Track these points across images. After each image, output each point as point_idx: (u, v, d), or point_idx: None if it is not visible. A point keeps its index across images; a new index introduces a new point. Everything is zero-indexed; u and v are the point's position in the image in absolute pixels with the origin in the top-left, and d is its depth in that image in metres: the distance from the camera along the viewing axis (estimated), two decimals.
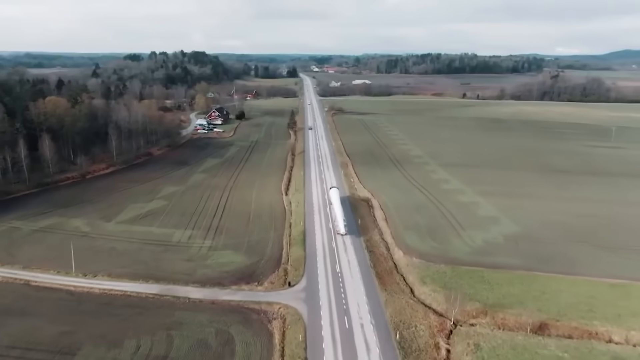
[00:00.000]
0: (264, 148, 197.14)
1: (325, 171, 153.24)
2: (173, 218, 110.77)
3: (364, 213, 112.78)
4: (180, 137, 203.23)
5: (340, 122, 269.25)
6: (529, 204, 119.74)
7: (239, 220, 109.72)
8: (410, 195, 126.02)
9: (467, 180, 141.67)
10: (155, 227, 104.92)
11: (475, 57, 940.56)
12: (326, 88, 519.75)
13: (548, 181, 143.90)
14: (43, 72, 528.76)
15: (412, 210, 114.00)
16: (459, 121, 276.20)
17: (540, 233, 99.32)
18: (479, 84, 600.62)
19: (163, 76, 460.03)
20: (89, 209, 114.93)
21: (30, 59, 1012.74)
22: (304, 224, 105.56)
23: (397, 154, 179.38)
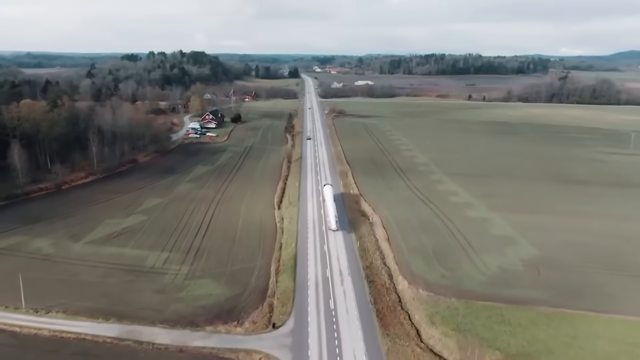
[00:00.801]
0: (259, 154, 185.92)
1: (323, 181, 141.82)
2: (150, 237, 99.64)
3: (364, 232, 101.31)
4: (170, 142, 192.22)
5: (341, 125, 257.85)
6: (546, 220, 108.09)
7: (224, 240, 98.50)
8: (415, 210, 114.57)
9: (477, 192, 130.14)
10: (129, 248, 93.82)
11: (479, 58, 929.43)
12: (328, 89, 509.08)
13: (564, 193, 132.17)
14: (38, 72, 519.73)
15: (418, 228, 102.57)
16: (465, 125, 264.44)
17: (563, 257, 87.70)
18: (484, 85, 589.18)
19: (160, 77, 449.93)
20: (58, 226, 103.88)
21: (30, 59, 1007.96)
22: (296, 245, 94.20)
23: (401, 162, 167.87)
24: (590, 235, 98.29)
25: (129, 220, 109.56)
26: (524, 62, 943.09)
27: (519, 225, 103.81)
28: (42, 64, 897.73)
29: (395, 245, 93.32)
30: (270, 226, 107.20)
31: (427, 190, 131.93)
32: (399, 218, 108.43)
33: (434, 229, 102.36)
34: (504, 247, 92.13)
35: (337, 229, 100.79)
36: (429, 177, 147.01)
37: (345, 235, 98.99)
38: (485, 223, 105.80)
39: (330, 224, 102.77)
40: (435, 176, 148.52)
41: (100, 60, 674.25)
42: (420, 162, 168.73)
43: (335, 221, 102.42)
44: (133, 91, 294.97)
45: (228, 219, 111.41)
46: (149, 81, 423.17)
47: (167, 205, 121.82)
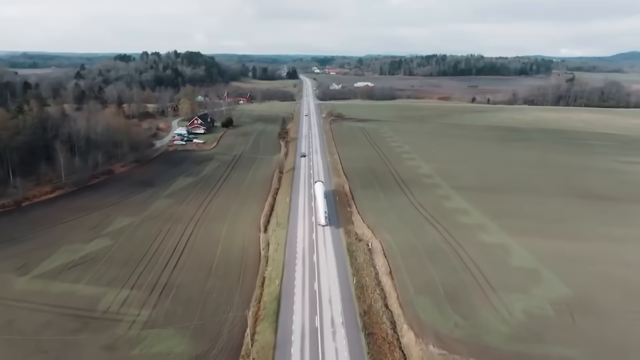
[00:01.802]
0: (248, 164, 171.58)
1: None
2: (112, 268, 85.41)
3: (362, 262, 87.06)
4: (152, 150, 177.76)
5: (339, 130, 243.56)
6: (573, 247, 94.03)
7: (197, 272, 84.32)
8: (420, 233, 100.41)
9: (489, 210, 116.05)
10: (83, 284, 79.58)
11: (481, 59, 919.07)
12: (326, 91, 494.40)
13: (588, 211, 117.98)
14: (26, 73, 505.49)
15: (425, 257, 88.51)
16: (471, 130, 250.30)
17: (600, 298, 73.69)
18: (487, 87, 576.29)
19: (152, 78, 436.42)
20: (5, 254, 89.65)
21: (26, 59, 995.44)
22: (281, 280, 79.97)
23: (403, 173, 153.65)
24: (629, 267, 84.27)
25: (91, 245, 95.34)
26: (527, 63, 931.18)
27: (542, 254, 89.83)
28: (37, 64, 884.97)
29: (399, 280, 79.25)
30: (254, 254, 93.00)
31: (433, 208, 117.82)
32: (402, 244, 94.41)
33: (443, 258, 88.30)
34: (528, 284, 78.09)
35: (327, 224, 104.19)
36: (435, 192, 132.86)
37: (340, 267, 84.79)
38: (502, 251, 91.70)
39: (320, 219, 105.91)
40: (442, 190, 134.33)
41: (98, 61, 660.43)
42: (424, 173, 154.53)
43: (325, 217, 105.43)
44: (119, 93, 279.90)
45: (205, 245, 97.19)
46: (140, 82, 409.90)
47: (138, 226, 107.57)
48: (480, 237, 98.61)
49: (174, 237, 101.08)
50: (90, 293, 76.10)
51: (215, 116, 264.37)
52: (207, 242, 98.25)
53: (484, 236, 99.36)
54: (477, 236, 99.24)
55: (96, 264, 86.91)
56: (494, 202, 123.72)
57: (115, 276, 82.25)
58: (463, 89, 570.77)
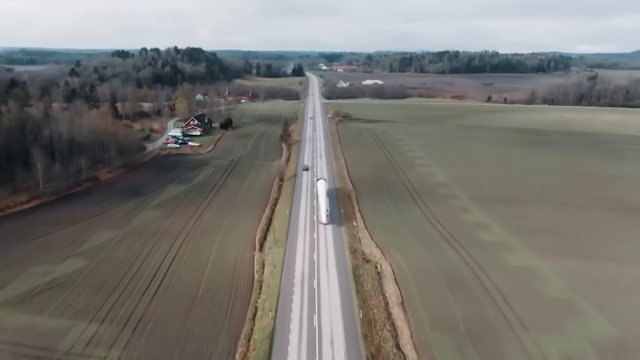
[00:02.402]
0: (246, 170, 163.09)
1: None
2: (83, 295, 77.08)
3: (370, 290, 78.06)
4: (142, 154, 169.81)
5: (346, 133, 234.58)
6: (614, 272, 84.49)
7: (180, 301, 75.77)
8: (436, 254, 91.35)
9: (514, 225, 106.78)
10: (47, 315, 71.21)
11: (496, 55, 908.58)
12: (333, 89, 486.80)
13: (627, 228, 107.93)
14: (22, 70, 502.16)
15: (442, 283, 79.52)
16: (488, 132, 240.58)
17: None
18: (502, 85, 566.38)
19: (150, 75, 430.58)
20: None
21: (24, 55, 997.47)
22: (276, 312, 71.23)
23: (416, 181, 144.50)
24: None
25: (63, 267, 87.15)
26: (544, 59, 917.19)
27: (577, 280, 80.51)
28: (35, 61, 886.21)
29: (413, 313, 70.25)
30: (246, 278, 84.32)
31: (450, 223, 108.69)
32: (415, 266, 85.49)
33: (463, 285, 79.25)
34: (563, 320, 68.82)
35: (328, 223, 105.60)
36: (452, 204, 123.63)
37: (344, 296, 75.90)
38: (532, 276, 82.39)
39: (321, 217, 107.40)
40: (460, 202, 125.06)
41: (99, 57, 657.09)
42: (439, 181, 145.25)
43: (327, 215, 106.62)
44: (113, 92, 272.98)
45: (192, 266, 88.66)
46: (138, 80, 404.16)
47: (119, 242, 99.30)
48: (505, 259, 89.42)
49: (158, 256, 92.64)
50: (54, 328, 67.72)
51: (214, 116, 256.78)
52: (195, 263, 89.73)
53: (509, 257, 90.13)
54: (501, 257, 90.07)
55: (65, 290, 78.63)
56: (518, 215, 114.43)
57: (85, 305, 73.87)
58: (477, 87, 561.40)
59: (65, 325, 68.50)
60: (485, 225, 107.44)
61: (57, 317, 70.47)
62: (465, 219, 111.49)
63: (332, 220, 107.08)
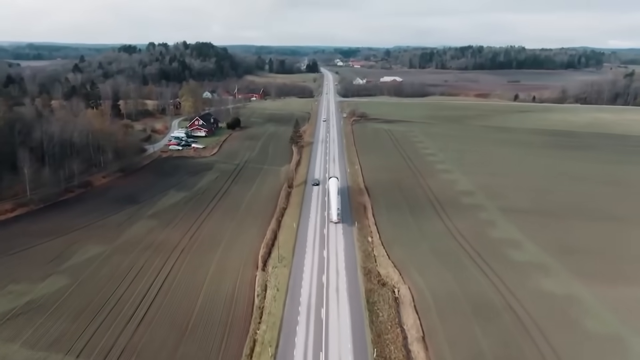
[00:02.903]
0: (253, 175, 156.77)
1: (330, 224, 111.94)
2: (61, 321, 71.29)
3: (386, 321, 70.72)
4: (141, 157, 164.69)
5: (362, 134, 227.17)
6: None
7: (169, 330, 69.45)
8: (461, 276, 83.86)
9: (549, 242, 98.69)
10: (19, 344, 65.53)
11: (523, 51, 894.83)
12: (349, 86, 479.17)
13: None
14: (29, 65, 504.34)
15: (468, 313, 72.10)
16: (517, 134, 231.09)
17: None
18: (530, 82, 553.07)
19: (156, 71, 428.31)
20: None
21: (31, 50, 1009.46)
22: (277, 347, 64.45)
23: (438, 189, 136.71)
24: None
25: (43, 286, 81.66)
26: (574, 55, 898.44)
27: (629, 312, 72.36)
28: (41, 56, 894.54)
29: (436, 352, 63.02)
30: (245, 303, 77.71)
31: (476, 239, 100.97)
32: (438, 292, 78.19)
33: (493, 315, 71.72)
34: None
35: (339, 221, 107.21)
36: (478, 215, 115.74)
37: (356, 328, 68.83)
38: (572, 306, 74.44)
39: (332, 216, 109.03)
40: (487, 214, 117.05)
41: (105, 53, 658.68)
42: (463, 189, 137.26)
43: (338, 214, 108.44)
44: (116, 89, 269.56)
45: (186, 287, 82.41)
46: (144, 76, 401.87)
47: (107, 257, 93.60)
48: (541, 284, 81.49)
49: (148, 276, 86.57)
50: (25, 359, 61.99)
51: (221, 116, 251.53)
52: (188, 285, 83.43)
53: (545, 282, 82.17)
54: (537, 282, 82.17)
55: (43, 314, 72.95)
56: (554, 230, 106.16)
57: (62, 333, 68.05)
58: (503, 84, 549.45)
59: (37, 357, 62.76)
60: (516, 242, 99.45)
61: (29, 348, 64.71)
62: (494, 234, 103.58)
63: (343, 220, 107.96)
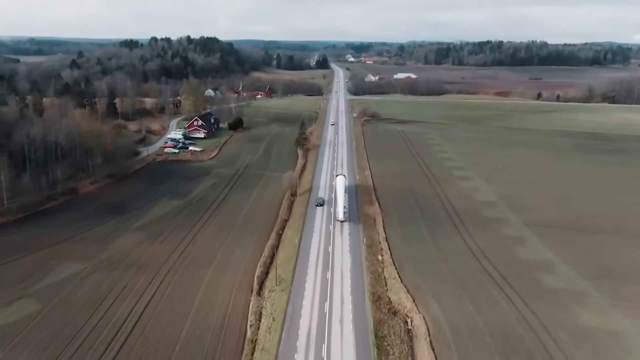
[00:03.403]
0: (253, 182, 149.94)
1: (336, 236, 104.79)
2: (25, 355, 64.76)
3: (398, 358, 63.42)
4: (134, 161, 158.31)
5: (373, 136, 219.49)
6: None
7: None
8: (484, 304, 76.18)
9: (585, 264, 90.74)
10: None
11: (545, 46, 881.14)
12: (360, 83, 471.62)
13: None
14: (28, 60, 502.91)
15: (493, 351, 64.78)
16: (541, 137, 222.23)
17: None
18: (553, 80, 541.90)
19: (157, 67, 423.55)
20: None
21: (32, 45, 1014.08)
22: None
23: (456, 200, 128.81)
24: None
25: (10, 312, 75.20)
26: (600, 51, 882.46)
27: None
28: (42, 51, 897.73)
29: None
30: (236, 335, 70.61)
31: (500, 258, 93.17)
32: (457, 324, 70.66)
33: (521, 353, 64.00)
34: None
35: (345, 220, 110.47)
36: (501, 231, 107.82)
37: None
38: (615, 343, 66.49)
39: (338, 214, 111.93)
40: (511, 228, 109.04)
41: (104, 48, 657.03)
42: (484, 199, 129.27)
43: (345, 212, 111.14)
44: (112, 86, 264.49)
45: (170, 315, 75.46)
46: (144, 73, 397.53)
47: (86, 277, 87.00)
48: (577, 315, 73.61)
49: (130, 299, 79.87)
50: None
51: (223, 115, 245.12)
52: (174, 310, 76.58)
53: (582, 313, 74.23)
54: (572, 313, 74.28)
55: (5, 347, 66.45)
56: (589, 249, 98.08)
57: None
58: (524, 82, 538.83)
59: None
60: (547, 263, 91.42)
61: None
62: (521, 254, 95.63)
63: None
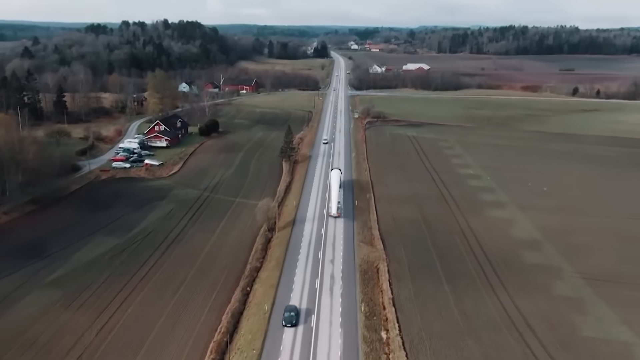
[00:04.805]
0: (222, 207, 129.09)
1: (324, 297, 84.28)
2: None
3: None
4: (69, 181, 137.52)
5: (378, 144, 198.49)
6: None
7: None
8: None
9: None
10: None
11: (576, 32, 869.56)
12: (364, 76, 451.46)
13: None
14: None
15: None
16: (585, 144, 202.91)
17: None
18: (587, 71, 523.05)
19: (126, 56, 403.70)
20: None
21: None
22: None
23: (486, 237, 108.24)
24: None
25: None
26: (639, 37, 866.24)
27: None
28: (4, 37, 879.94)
29: None
30: None
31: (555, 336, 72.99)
32: None
33: None
34: None
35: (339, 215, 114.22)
36: (551, 288, 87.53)
37: None
38: None
39: (331, 209, 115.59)
40: (565, 285, 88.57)
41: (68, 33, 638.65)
42: (524, 237, 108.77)
43: (338, 207, 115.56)
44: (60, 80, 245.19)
45: None
46: (109, 63, 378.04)
47: None
48: None
49: None
50: None
51: (195, 116, 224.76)
52: None
53: None
54: None
55: None
56: None
57: None
58: (554, 73, 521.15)
59: None
60: (628, 346, 71.01)
61: None
62: (583, 330, 75.25)
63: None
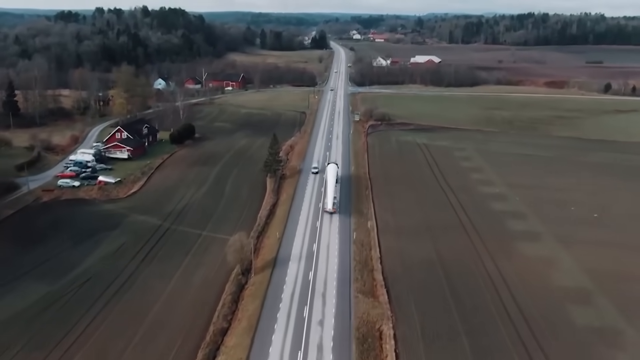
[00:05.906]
0: (187, 240, 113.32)
1: None
2: None
3: None
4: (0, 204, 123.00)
5: (382, 154, 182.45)
6: None
7: None
8: None
9: None
10: None
11: (602, 20, 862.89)
12: (367, 70, 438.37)
13: None
14: None
15: None
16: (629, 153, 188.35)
17: None
18: (617, 64, 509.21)
19: (97, 48, 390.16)
20: None
21: None
22: None
23: (520, 286, 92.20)
24: None
25: None
26: None
27: None
28: None
29: None
30: None
31: None
32: None
33: None
34: None
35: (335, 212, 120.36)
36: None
37: None
38: None
39: (327, 205, 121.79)
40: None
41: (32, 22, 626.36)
42: (569, 284, 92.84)
43: (334, 203, 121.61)
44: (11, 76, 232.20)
45: None
46: (78, 55, 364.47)
47: None
48: None
49: None
50: None
51: (167, 120, 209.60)
52: None
53: None
54: None
55: None
56: None
57: None
58: (580, 67, 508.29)
59: None
60: None
61: None
62: None
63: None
